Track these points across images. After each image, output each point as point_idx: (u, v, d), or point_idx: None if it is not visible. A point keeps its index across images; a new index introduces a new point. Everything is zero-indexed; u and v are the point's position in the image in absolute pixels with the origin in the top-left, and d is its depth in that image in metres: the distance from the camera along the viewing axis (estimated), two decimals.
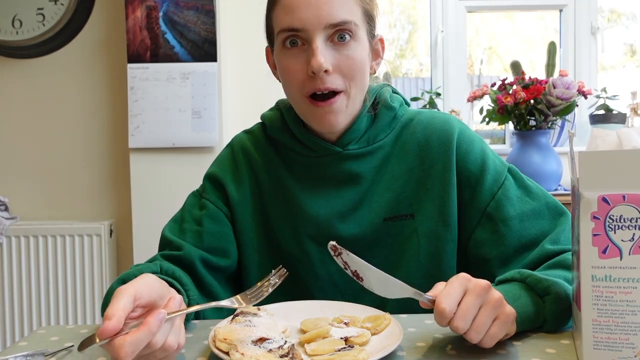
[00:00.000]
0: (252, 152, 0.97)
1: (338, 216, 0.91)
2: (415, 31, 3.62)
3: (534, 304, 0.72)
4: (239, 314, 0.75)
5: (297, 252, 0.93)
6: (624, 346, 0.60)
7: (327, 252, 0.92)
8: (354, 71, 0.85)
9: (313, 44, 0.82)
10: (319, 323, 0.74)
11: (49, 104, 2.32)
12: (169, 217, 1.01)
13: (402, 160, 0.92)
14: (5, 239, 2.21)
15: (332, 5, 0.82)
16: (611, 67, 2.93)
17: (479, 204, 0.89)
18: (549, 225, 0.87)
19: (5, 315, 2.23)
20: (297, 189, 0.93)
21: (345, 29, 0.83)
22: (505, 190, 0.89)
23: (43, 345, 0.75)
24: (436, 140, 0.92)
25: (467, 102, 2.52)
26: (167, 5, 2.15)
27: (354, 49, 0.84)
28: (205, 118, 2.17)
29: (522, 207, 0.87)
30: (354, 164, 0.92)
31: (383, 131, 0.93)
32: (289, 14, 0.83)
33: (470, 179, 0.90)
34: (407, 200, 0.91)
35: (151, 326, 0.56)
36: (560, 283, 0.74)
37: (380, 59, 0.94)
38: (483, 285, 0.64)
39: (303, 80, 0.84)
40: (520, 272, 0.76)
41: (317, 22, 0.81)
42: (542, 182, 2.17)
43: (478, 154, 0.91)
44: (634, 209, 0.59)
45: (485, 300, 0.63)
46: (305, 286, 0.93)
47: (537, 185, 0.92)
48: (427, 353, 0.68)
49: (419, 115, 0.96)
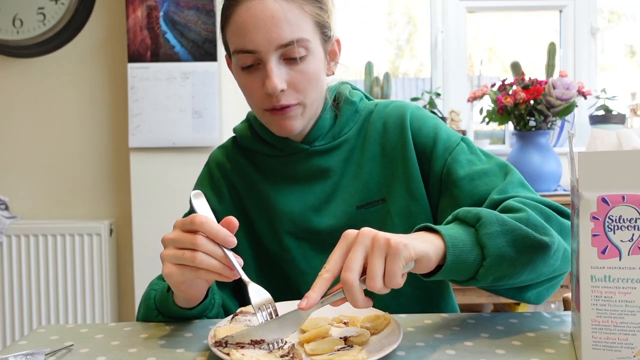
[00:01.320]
0: (226, 164, 1.01)
1: (312, 210, 0.94)
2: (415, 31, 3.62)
3: (466, 232, 0.72)
4: (238, 314, 0.76)
5: (279, 250, 0.95)
6: (623, 346, 0.60)
7: (307, 246, 0.95)
8: (309, 84, 0.88)
9: (267, 66, 0.84)
10: (319, 323, 0.74)
11: (49, 104, 2.32)
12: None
13: (366, 150, 0.96)
14: (5, 238, 2.21)
15: (281, 26, 0.83)
16: (611, 67, 2.93)
17: (435, 173, 0.92)
18: (499, 181, 0.88)
19: (5, 314, 2.24)
20: (270, 189, 0.96)
21: (297, 47, 0.84)
22: (455, 155, 0.91)
23: (43, 344, 0.75)
24: (392, 124, 0.96)
25: (467, 103, 2.53)
26: (168, 5, 2.15)
27: (307, 64, 0.87)
28: (205, 118, 2.17)
29: (472, 168, 0.90)
30: (322, 159, 0.95)
31: (347, 125, 0.97)
32: (240, 36, 0.84)
33: (426, 152, 0.93)
34: (377, 186, 0.94)
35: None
36: (493, 212, 0.73)
37: (337, 60, 0.96)
38: (363, 233, 0.64)
39: (261, 97, 0.87)
40: (453, 212, 0.77)
41: (268, 44, 0.83)
42: (541, 182, 2.17)
43: (430, 127, 0.95)
44: (633, 210, 0.59)
45: (368, 245, 0.63)
46: (292, 284, 0.95)
47: (489, 152, 0.95)
48: (427, 353, 0.68)
49: (377, 106, 1.00)
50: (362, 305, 0.63)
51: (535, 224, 0.75)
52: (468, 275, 0.72)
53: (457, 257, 0.69)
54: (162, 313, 0.83)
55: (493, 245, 0.70)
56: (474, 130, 2.76)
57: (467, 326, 0.78)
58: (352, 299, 0.62)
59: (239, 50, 0.85)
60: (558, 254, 0.77)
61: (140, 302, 0.90)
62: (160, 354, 0.71)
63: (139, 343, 0.76)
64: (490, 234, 0.71)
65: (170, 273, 0.71)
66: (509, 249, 0.71)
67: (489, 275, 0.71)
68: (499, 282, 0.74)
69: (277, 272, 0.96)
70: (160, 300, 0.83)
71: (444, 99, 2.75)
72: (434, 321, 0.80)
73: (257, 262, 0.97)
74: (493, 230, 0.71)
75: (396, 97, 4.23)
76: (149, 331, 0.80)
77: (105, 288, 2.24)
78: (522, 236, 0.72)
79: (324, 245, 0.94)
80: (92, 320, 2.23)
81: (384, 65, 3.45)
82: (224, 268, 0.70)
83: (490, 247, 0.70)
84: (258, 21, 0.82)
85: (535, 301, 0.82)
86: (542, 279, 0.79)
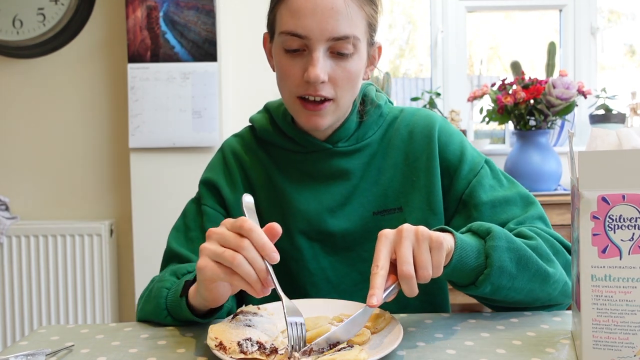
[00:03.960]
0: (242, 154, 0.99)
1: (328, 211, 0.93)
2: (415, 31, 3.62)
3: (476, 241, 0.77)
4: (239, 314, 0.76)
5: (289, 248, 0.94)
6: (624, 346, 0.60)
7: (319, 247, 0.94)
8: (348, 83, 0.86)
9: (313, 54, 0.82)
10: (319, 322, 0.74)
11: (49, 104, 2.32)
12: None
13: (388, 156, 0.95)
14: (5, 238, 2.22)
15: (338, 19, 0.81)
16: (611, 67, 2.93)
17: (456, 192, 0.93)
18: (520, 212, 0.90)
19: (5, 314, 2.24)
20: (287, 185, 0.95)
21: (348, 43, 0.83)
22: (480, 178, 0.93)
23: (44, 345, 0.75)
24: (419, 135, 0.95)
25: (467, 102, 2.53)
26: (168, 5, 2.15)
27: (352, 62, 0.85)
28: (205, 118, 2.17)
29: (494, 194, 0.91)
30: (343, 161, 0.94)
31: (371, 129, 0.96)
32: (294, 18, 0.82)
33: (450, 168, 0.94)
34: (395, 194, 0.94)
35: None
36: (504, 231, 0.78)
37: (374, 66, 0.96)
38: (407, 229, 0.68)
39: (297, 82, 0.85)
40: (468, 225, 0.82)
41: (320, 33, 0.81)
42: (541, 182, 2.17)
43: (457, 145, 0.95)
44: (633, 209, 0.59)
45: (414, 240, 0.68)
46: (298, 283, 0.94)
47: (511, 178, 0.97)
48: (427, 353, 0.68)
49: (402, 112, 0.99)
50: (416, 293, 0.68)
51: (541, 253, 0.80)
52: (469, 280, 0.77)
53: (461, 259, 0.74)
54: (172, 315, 0.81)
55: (497, 257, 0.75)
56: (474, 130, 2.76)
57: (467, 326, 0.78)
58: (410, 289, 0.67)
59: (290, 32, 0.83)
60: (557, 285, 0.80)
61: (146, 298, 0.86)
62: (161, 354, 0.71)
63: (140, 343, 0.76)
64: (496, 246, 0.76)
65: (205, 267, 0.67)
66: (511, 265, 0.76)
67: (488, 284, 0.76)
68: (496, 294, 0.78)
69: (283, 270, 0.95)
70: (172, 302, 0.80)
71: (444, 99, 2.75)
72: (434, 321, 0.80)
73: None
74: (500, 244, 0.76)
75: (396, 97, 4.23)
76: (149, 331, 0.80)
77: (106, 288, 2.24)
78: (526, 258, 0.77)
79: (335, 248, 0.93)
80: (92, 320, 2.23)
81: (384, 65, 3.46)
82: (257, 282, 0.66)
83: (493, 258, 0.75)
84: (317, 8, 0.81)
85: None
86: (538, 305, 0.83)
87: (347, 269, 0.93)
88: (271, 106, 1.00)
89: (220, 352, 0.64)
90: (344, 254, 0.93)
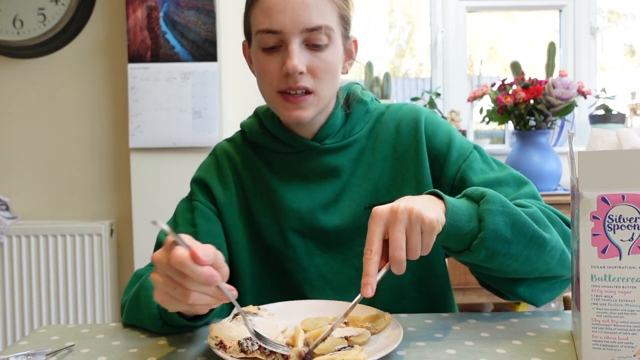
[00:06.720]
0: (234, 156, 1.01)
1: (320, 208, 0.94)
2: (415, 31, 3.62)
3: (469, 205, 0.76)
4: (239, 314, 0.76)
5: (283, 247, 0.95)
6: (623, 345, 0.60)
7: (312, 244, 0.95)
8: (326, 74, 0.88)
9: (289, 47, 0.85)
10: (319, 323, 0.74)
11: (49, 104, 2.32)
12: (170, 216, 1.01)
13: (377, 151, 0.96)
14: (6, 238, 2.22)
15: (309, 11, 0.84)
16: (611, 67, 2.93)
17: (447, 178, 0.93)
18: (512, 192, 0.90)
19: (6, 314, 2.24)
20: (279, 185, 0.96)
21: (321, 33, 0.86)
22: (469, 162, 0.93)
23: (44, 345, 0.75)
24: (406, 127, 0.97)
25: (467, 102, 2.53)
26: (168, 6, 2.15)
27: (328, 53, 0.88)
28: (205, 118, 2.17)
29: (486, 177, 0.91)
30: (332, 158, 0.95)
31: (357, 125, 0.98)
32: (267, 16, 0.85)
33: (439, 157, 0.94)
34: (386, 188, 0.95)
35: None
36: (499, 195, 0.76)
37: (353, 60, 0.97)
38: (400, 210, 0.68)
39: (277, 77, 0.88)
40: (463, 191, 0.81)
41: (293, 26, 0.84)
42: (541, 182, 2.17)
43: (444, 133, 0.96)
44: (633, 209, 0.59)
45: (407, 222, 0.68)
46: (294, 281, 0.95)
47: (501, 162, 0.97)
48: (427, 353, 0.68)
49: (389, 108, 1.01)
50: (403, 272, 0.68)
51: (537, 219, 0.78)
52: (463, 246, 0.75)
53: (454, 222, 0.73)
54: (168, 324, 0.78)
55: (491, 220, 0.73)
56: (474, 130, 2.76)
57: (467, 326, 0.78)
58: (399, 271, 0.68)
59: (264, 30, 0.86)
60: (554, 253, 0.78)
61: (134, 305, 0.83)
62: (161, 354, 0.71)
63: (140, 343, 0.76)
64: (490, 210, 0.74)
65: (163, 302, 0.64)
66: (506, 229, 0.74)
67: (482, 249, 0.74)
68: (491, 261, 0.76)
69: (276, 268, 0.96)
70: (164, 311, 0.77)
71: (444, 99, 2.75)
72: (434, 321, 0.80)
73: (255, 257, 0.97)
74: (494, 208, 0.74)
75: (396, 97, 4.23)
76: (149, 331, 0.80)
77: (106, 288, 2.24)
78: (521, 222, 0.75)
79: (329, 244, 0.94)
80: (92, 320, 2.23)
81: (384, 65, 3.46)
82: (217, 301, 0.64)
83: (487, 222, 0.73)
84: (287, 3, 0.84)
85: (531, 300, 0.83)
86: (536, 275, 0.81)
87: (341, 264, 0.94)
88: (260, 110, 1.02)
89: (220, 351, 0.65)
90: (337, 250, 0.94)
